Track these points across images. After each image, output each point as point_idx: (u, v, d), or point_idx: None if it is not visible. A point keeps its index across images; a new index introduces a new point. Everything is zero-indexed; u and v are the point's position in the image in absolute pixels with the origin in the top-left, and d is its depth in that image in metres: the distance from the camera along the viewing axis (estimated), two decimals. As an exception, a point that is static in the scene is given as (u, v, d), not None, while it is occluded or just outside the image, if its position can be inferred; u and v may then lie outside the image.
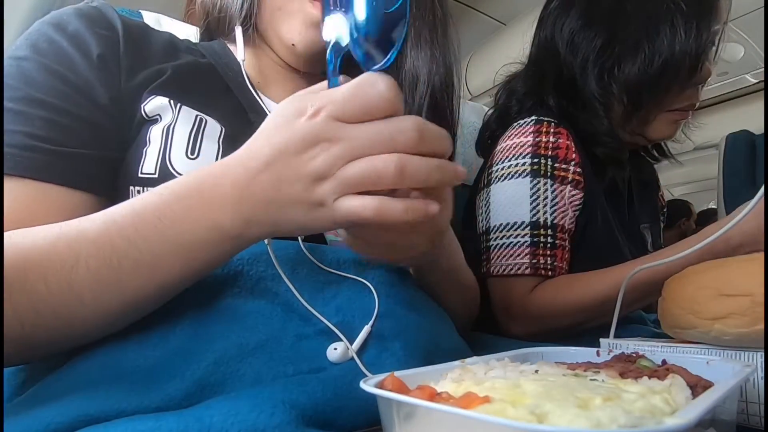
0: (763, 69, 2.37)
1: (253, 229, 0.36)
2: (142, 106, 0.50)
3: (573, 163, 0.82)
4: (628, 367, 0.34)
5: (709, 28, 0.79)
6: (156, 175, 0.47)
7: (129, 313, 0.38)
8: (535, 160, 0.80)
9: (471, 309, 0.71)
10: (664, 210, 1.11)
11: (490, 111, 1.00)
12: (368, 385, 0.26)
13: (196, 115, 0.52)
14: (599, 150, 0.85)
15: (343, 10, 0.35)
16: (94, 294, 0.35)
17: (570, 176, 0.81)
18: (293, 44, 0.56)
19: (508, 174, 0.82)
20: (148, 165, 0.48)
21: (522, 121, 0.84)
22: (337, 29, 0.35)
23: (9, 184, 0.42)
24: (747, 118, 2.35)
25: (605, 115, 0.84)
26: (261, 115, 0.56)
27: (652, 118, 0.86)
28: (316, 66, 0.60)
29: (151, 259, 0.36)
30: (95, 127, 0.47)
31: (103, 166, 0.48)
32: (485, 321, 0.80)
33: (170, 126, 0.50)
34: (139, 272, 0.36)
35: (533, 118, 0.83)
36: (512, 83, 0.96)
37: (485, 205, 0.84)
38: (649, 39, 0.80)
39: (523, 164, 0.81)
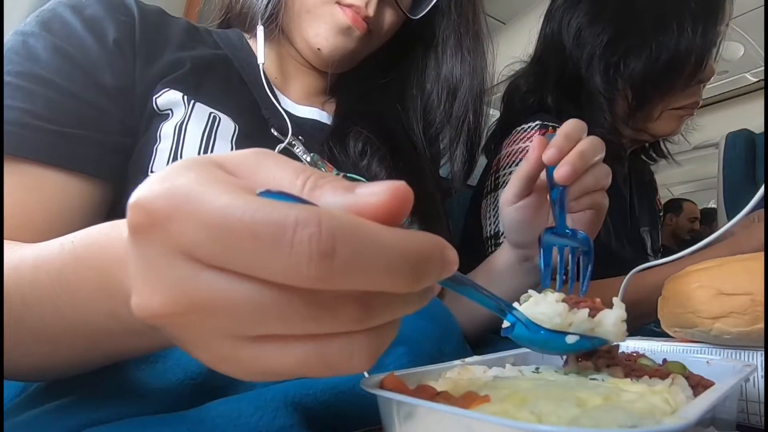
0: (763, 68, 2.38)
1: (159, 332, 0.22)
2: (153, 98, 0.49)
3: None
4: (631, 366, 0.34)
5: (715, 28, 0.80)
6: None
7: (42, 375, 0.32)
8: None
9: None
10: (661, 213, 1.11)
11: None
12: (368, 385, 0.26)
13: (210, 113, 0.51)
14: None
15: None
16: None
17: None
18: (319, 48, 0.56)
19: None
20: (159, 163, 0.47)
21: (526, 126, 0.84)
22: None
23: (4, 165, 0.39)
24: (747, 116, 2.35)
25: (608, 110, 0.85)
26: (275, 112, 0.56)
27: (657, 115, 0.86)
28: (339, 68, 0.60)
29: (52, 334, 0.28)
30: (99, 111, 0.46)
31: (106, 150, 0.46)
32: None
33: (182, 123, 0.49)
34: (39, 342, 0.29)
35: (537, 122, 0.83)
36: (515, 81, 0.96)
37: (493, 209, 0.84)
38: (657, 36, 0.81)
39: None
